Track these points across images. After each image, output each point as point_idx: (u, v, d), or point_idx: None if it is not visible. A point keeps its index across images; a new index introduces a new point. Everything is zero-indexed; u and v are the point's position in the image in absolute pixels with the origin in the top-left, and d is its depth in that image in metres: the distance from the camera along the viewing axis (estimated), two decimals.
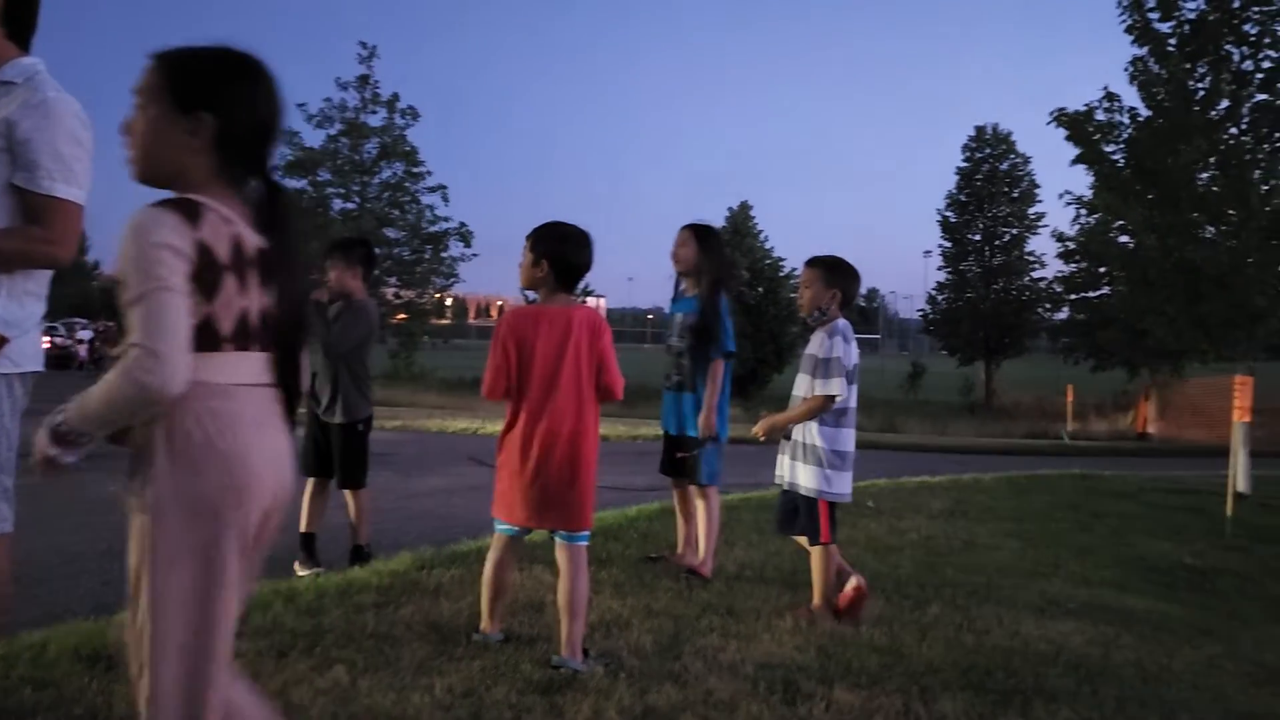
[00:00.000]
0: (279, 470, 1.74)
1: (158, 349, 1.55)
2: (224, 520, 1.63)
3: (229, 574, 1.63)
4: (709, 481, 4.68)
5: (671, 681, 3.02)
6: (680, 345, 4.70)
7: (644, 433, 15.03)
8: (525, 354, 3.25)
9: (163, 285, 1.58)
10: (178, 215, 1.63)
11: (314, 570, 4.58)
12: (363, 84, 27.09)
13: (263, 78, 1.76)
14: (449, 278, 28.26)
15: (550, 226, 3.35)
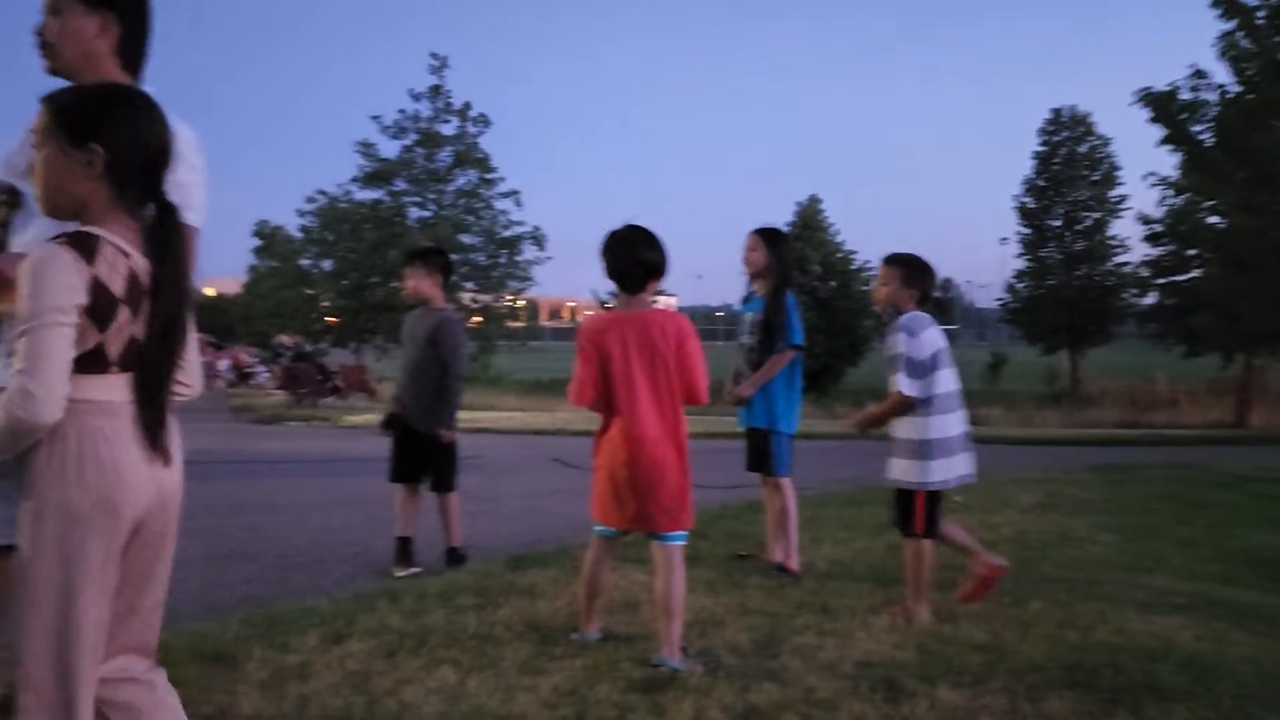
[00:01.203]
0: (154, 482, 1.85)
1: (31, 386, 1.70)
2: (94, 527, 1.76)
3: (92, 576, 1.76)
4: (784, 472, 4.74)
5: (771, 680, 3.03)
6: (751, 342, 4.83)
7: (722, 430, 15.02)
8: (607, 360, 3.30)
9: (48, 322, 1.71)
10: (73, 252, 1.75)
11: (411, 572, 4.69)
12: (435, 94, 27.49)
13: (145, 108, 1.91)
14: (524, 281, 28.55)
15: (608, 237, 3.40)
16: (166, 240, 1.88)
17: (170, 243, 1.89)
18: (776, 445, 4.75)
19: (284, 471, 9.32)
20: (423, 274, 4.99)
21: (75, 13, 2.48)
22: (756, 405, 4.80)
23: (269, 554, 5.24)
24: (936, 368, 3.88)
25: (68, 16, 2.48)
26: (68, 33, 2.47)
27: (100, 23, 2.51)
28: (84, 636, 1.78)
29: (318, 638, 3.38)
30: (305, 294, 31.92)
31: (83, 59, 2.50)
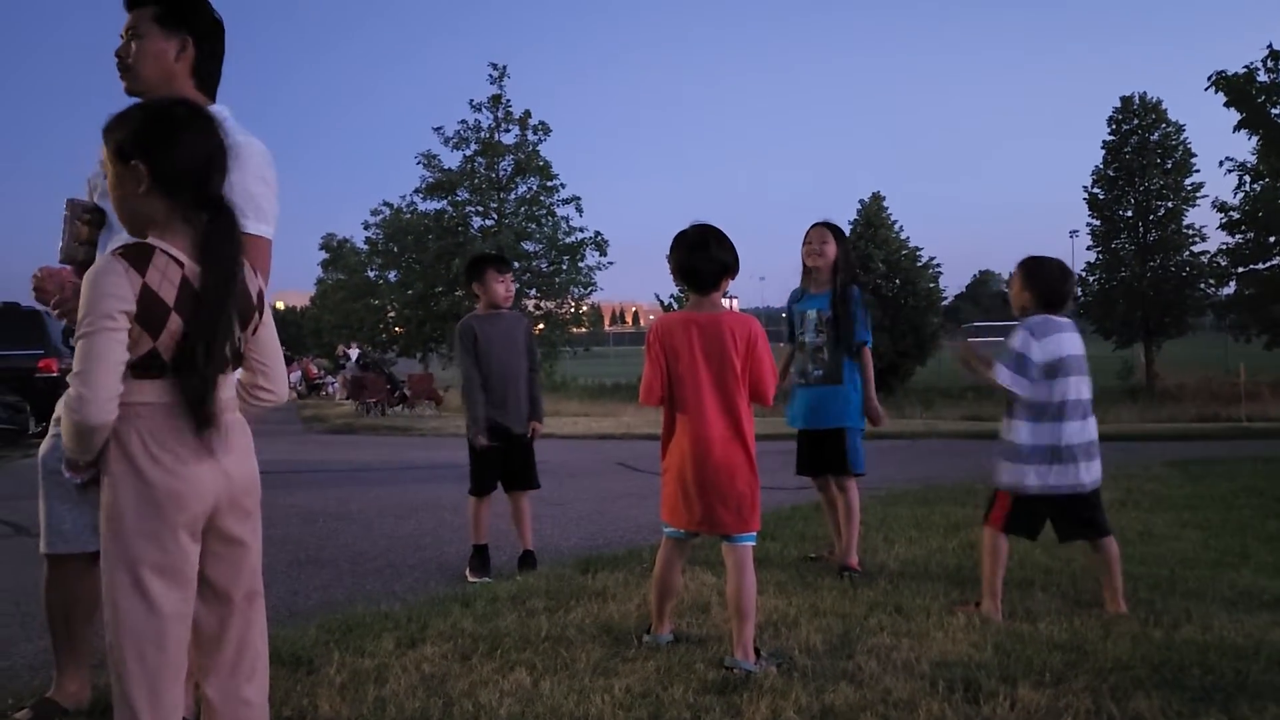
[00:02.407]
0: (218, 479, 1.93)
1: (82, 389, 1.81)
2: (160, 524, 1.86)
3: (163, 570, 1.86)
4: (862, 469, 4.72)
5: (847, 681, 3.00)
6: (819, 340, 4.75)
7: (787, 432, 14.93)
8: (676, 361, 3.31)
9: (98, 328, 1.81)
10: (124, 263, 1.85)
11: (484, 579, 4.73)
12: (495, 104, 27.82)
13: (186, 121, 1.97)
14: (587, 287, 28.72)
15: (676, 239, 3.41)
16: (216, 246, 1.93)
17: (219, 249, 1.94)
18: (852, 442, 4.71)
19: (355, 480, 9.48)
20: (502, 278, 5.08)
21: (154, 35, 2.56)
22: (831, 405, 4.73)
23: (343, 560, 5.34)
24: (1058, 374, 3.80)
25: (147, 39, 2.56)
26: (147, 55, 2.55)
27: (178, 44, 2.59)
28: (162, 630, 1.85)
29: (393, 641, 3.43)
30: (372, 305, 32.51)
31: (161, 80, 2.58)
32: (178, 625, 1.89)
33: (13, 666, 3.44)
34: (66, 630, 2.81)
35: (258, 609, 2.07)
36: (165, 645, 1.86)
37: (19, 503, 7.44)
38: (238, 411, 2.06)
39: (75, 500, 2.68)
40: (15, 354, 13.57)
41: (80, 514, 2.69)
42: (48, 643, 3.53)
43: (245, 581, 2.03)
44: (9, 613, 4.20)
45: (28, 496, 7.69)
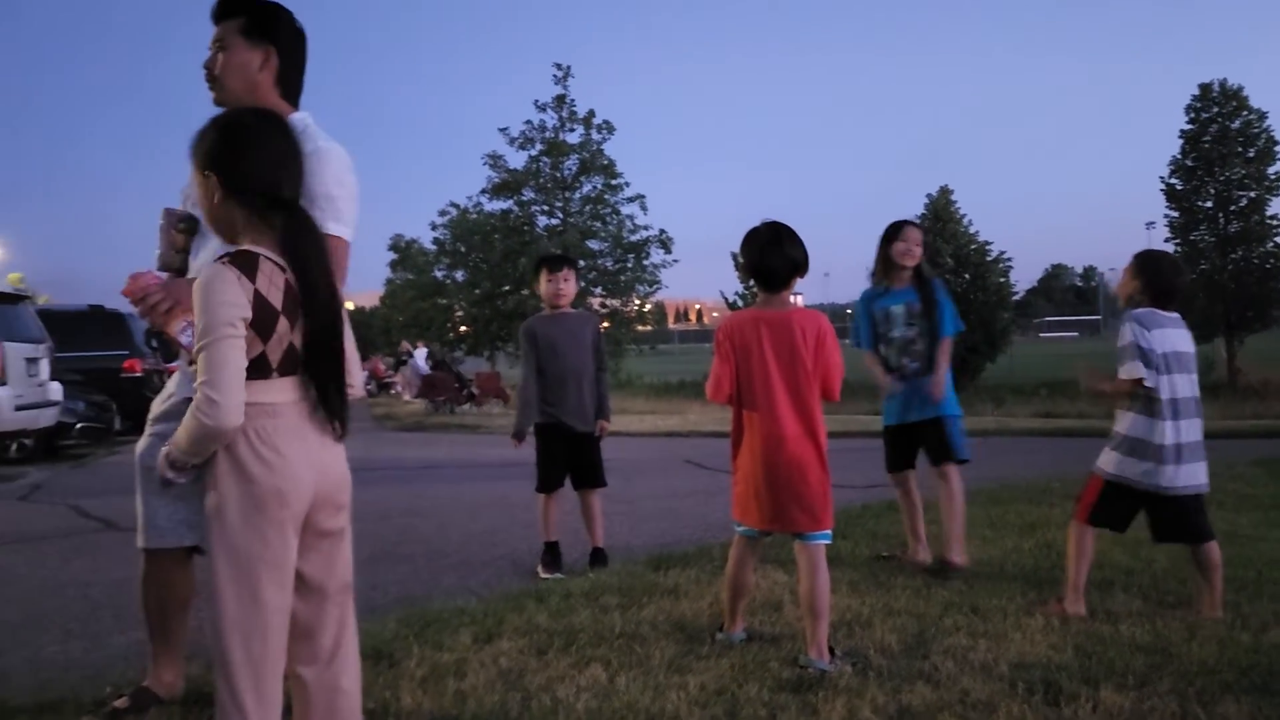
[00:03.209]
0: (320, 473, 2.01)
1: (214, 395, 1.87)
2: (265, 519, 1.93)
3: (268, 564, 1.93)
4: (966, 455, 4.73)
5: (924, 681, 2.98)
6: (910, 333, 4.78)
7: (856, 429, 14.78)
8: (747, 358, 3.32)
9: (221, 335, 1.89)
10: (235, 270, 1.93)
11: (556, 575, 4.79)
12: (559, 104, 27.99)
13: (254, 129, 2.04)
14: (652, 284, 28.74)
15: (747, 236, 3.40)
16: (297, 247, 2.00)
17: (301, 249, 2.01)
18: (952, 429, 4.73)
19: (428, 477, 9.64)
20: (575, 278, 5.15)
21: (240, 47, 2.64)
22: (928, 395, 4.73)
23: (419, 556, 5.43)
24: (1164, 370, 3.73)
25: (233, 51, 2.64)
26: (233, 66, 2.64)
27: (262, 56, 2.67)
28: (265, 622, 1.93)
29: (470, 636, 3.50)
30: (439, 304, 32.92)
31: (246, 90, 2.66)
32: (279, 618, 1.96)
33: (108, 657, 3.58)
34: (162, 622, 2.91)
35: (350, 600, 2.14)
36: (268, 638, 1.93)
37: (109, 498, 7.72)
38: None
39: (171, 496, 2.78)
40: (102, 355, 14.05)
41: (175, 509, 2.79)
42: (140, 634, 3.66)
43: (339, 574, 2.10)
44: (103, 605, 4.36)
45: (116, 493, 7.99)
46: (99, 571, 5.09)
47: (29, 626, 4.02)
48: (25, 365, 9.76)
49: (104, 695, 2.95)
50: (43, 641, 3.80)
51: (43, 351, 10.28)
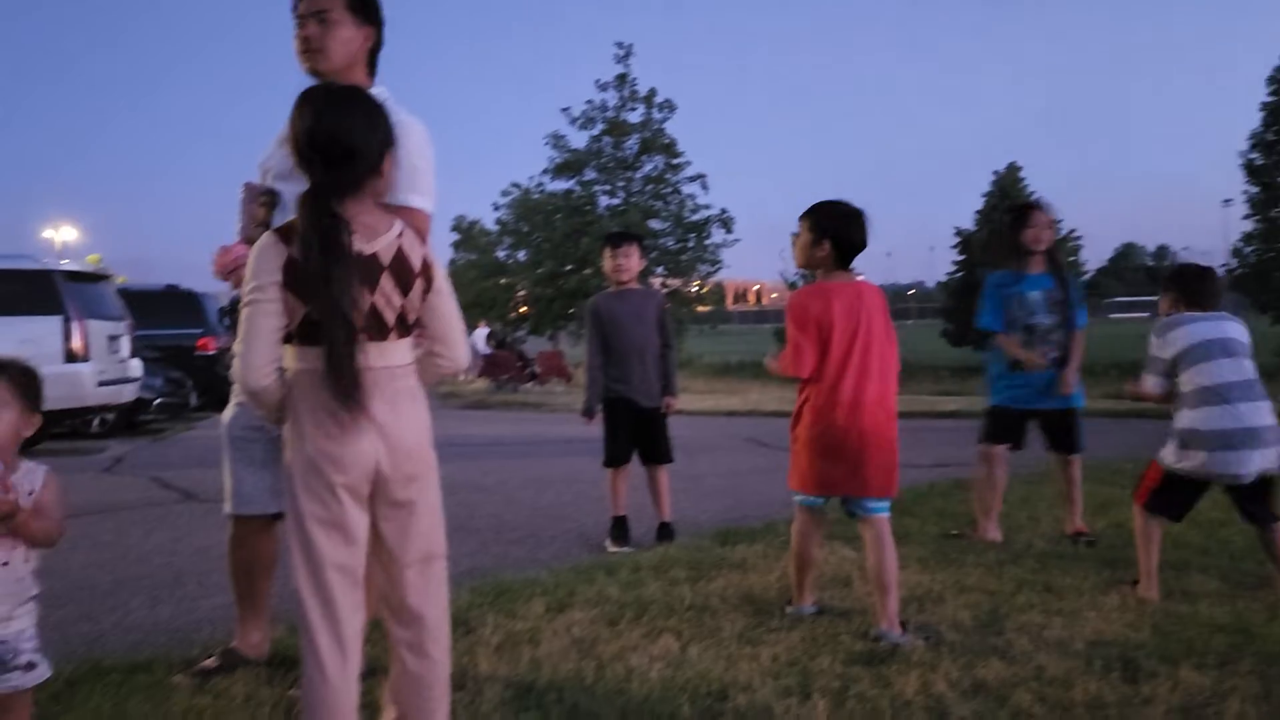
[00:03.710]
0: (386, 442, 2.03)
1: (241, 356, 1.99)
2: (322, 481, 1.99)
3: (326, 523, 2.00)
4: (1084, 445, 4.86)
5: (998, 656, 2.96)
6: (1051, 321, 4.81)
7: (919, 409, 14.61)
8: (826, 329, 3.35)
9: (251, 299, 1.98)
10: (274, 237, 2.01)
11: (624, 549, 4.83)
12: (621, 83, 27.94)
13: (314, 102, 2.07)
14: (713, 264, 28.66)
15: (830, 205, 3.45)
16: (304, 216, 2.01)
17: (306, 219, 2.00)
18: (1080, 421, 4.86)
19: (492, 454, 9.76)
20: (639, 254, 5.19)
21: (346, 23, 2.71)
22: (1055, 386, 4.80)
23: (487, 530, 5.52)
24: (1190, 363, 3.70)
25: (340, 26, 2.70)
26: (338, 40, 2.71)
27: (365, 35, 2.75)
28: (327, 578, 1.99)
29: (543, 606, 3.55)
30: (501, 284, 33.20)
31: (345, 65, 2.74)
32: (342, 576, 2.01)
33: (194, 620, 3.71)
34: (249, 586, 3.01)
35: (436, 570, 2.15)
36: (332, 592, 1.99)
37: (187, 471, 7.96)
38: (410, 378, 2.13)
39: (257, 465, 2.87)
40: (177, 333, 14.45)
41: (260, 478, 2.88)
42: (223, 599, 3.79)
43: (416, 544, 2.11)
44: (186, 572, 4.51)
45: (194, 465, 8.23)
46: (181, 540, 5.26)
47: (118, 591, 4.17)
48: (107, 342, 10.06)
49: (193, 655, 3.06)
50: (131, 605, 3.95)
51: (123, 329, 10.59)
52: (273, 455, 2.87)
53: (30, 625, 2.14)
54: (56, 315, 9.39)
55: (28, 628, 2.13)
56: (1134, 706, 2.59)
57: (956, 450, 9.44)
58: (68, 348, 9.37)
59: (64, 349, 9.35)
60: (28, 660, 2.12)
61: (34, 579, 2.16)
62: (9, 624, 2.11)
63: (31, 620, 2.15)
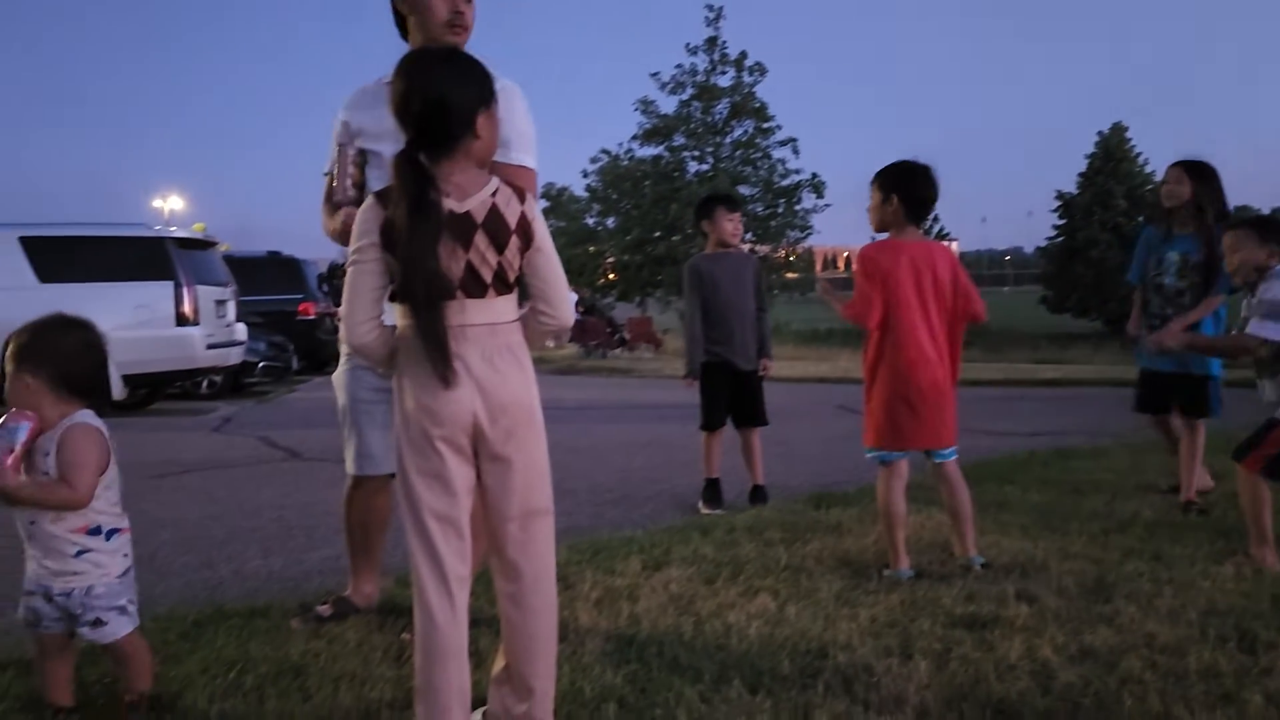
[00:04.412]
0: (485, 398, 2.06)
1: (345, 312, 2.05)
2: (421, 434, 2.04)
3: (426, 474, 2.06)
4: (1219, 413, 4.67)
5: (1105, 624, 2.89)
6: (1180, 284, 4.68)
7: (1014, 378, 14.27)
8: (894, 284, 3.45)
9: (351, 261, 2.04)
10: (375, 198, 2.05)
11: (717, 511, 4.85)
12: (711, 46, 27.67)
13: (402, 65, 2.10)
14: (803, 230, 28.33)
15: (895, 165, 3.57)
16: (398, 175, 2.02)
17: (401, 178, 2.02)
18: (1214, 390, 4.66)
19: (583, 418, 9.86)
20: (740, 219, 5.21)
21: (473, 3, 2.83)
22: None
23: (581, 490, 5.59)
24: None
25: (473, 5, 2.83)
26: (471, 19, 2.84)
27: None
28: (429, 526, 2.05)
29: (639, 564, 3.60)
30: (590, 251, 33.37)
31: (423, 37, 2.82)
32: (443, 525, 2.06)
33: (304, 571, 3.85)
34: (364, 540, 3.11)
35: (540, 525, 2.17)
36: (434, 540, 2.05)
37: (291, 431, 8.24)
38: (512, 334, 2.14)
39: (380, 426, 2.95)
40: (279, 298, 14.90)
41: (385, 439, 2.97)
42: (331, 551, 3.94)
43: (517, 499, 2.13)
44: (296, 526, 4.68)
45: (298, 426, 8.51)
46: (289, 495, 5.46)
47: (232, 543, 4.36)
48: (214, 307, 10.43)
49: (307, 603, 3.18)
50: (246, 556, 4.12)
51: (229, 294, 10.96)
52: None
53: (98, 583, 2.21)
54: (168, 281, 9.76)
55: (94, 585, 2.21)
56: (1252, 677, 2.50)
57: (1055, 419, 9.22)
58: (179, 312, 9.75)
59: (175, 313, 9.73)
60: (95, 618, 2.20)
61: (88, 537, 2.22)
62: (68, 580, 2.20)
63: (100, 578, 2.22)
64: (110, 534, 2.25)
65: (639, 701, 2.36)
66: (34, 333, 2.26)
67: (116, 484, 2.30)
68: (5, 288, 9.41)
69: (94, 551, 2.22)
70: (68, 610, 2.21)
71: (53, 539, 2.20)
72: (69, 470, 2.18)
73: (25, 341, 2.25)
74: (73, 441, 2.20)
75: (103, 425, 2.27)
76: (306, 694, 2.41)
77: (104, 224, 10.43)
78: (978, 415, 8.25)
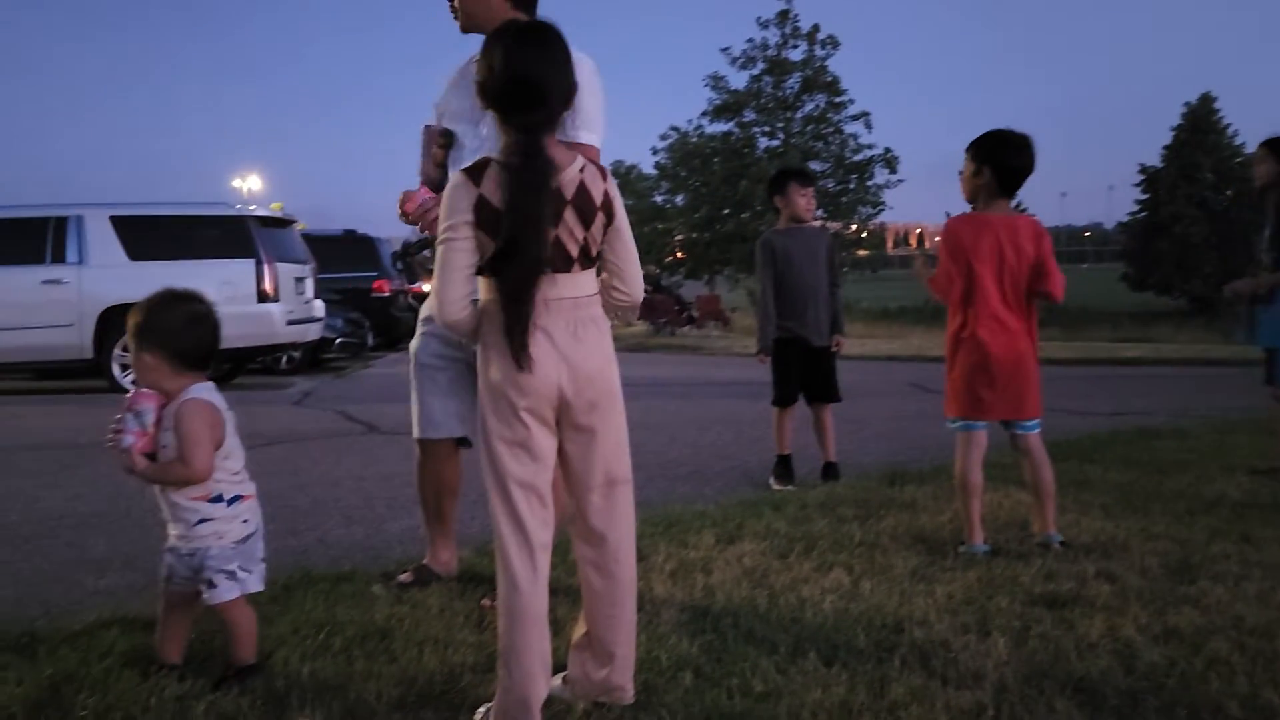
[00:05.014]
0: (569, 369, 2.08)
1: (438, 293, 2.08)
2: (507, 403, 2.07)
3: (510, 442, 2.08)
4: None
5: (1190, 605, 2.83)
6: (1266, 260, 4.73)
7: (1093, 357, 13.94)
8: (978, 258, 3.43)
9: (445, 238, 2.05)
10: (463, 177, 2.06)
11: (789, 487, 4.85)
12: (782, 20, 27.33)
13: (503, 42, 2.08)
14: (875, 206, 27.93)
15: (989, 134, 3.52)
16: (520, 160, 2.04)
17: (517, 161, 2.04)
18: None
19: (653, 394, 9.89)
20: (814, 194, 5.17)
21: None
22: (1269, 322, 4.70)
23: (652, 465, 5.63)
24: None
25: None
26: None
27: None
28: (516, 497, 2.08)
29: (713, 538, 3.62)
30: (659, 229, 33.34)
31: (486, 18, 2.82)
32: (526, 492, 2.09)
33: (385, 540, 3.95)
34: (437, 508, 3.19)
35: (622, 494, 2.21)
36: (518, 506, 2.08)
37: (369, 405, 8.42)
38: (594, 307, 2.18)
39: (444, 392, 3.03)
40: (355, 276, 15.19)
41: (448, 404, 3.03)
42: (411, 522, 4.02)
43: (600, 468, 2.17)
44: (376, 496, 4.80)
45: (375, 400, 8.69)
46: (369, 467, 5.59)
47: (316, 512, 4.49)
48: (294, 284, 10.69)
49: (389, 570, 3.27)
50: (329, 525, 4.24)
51: (308, 272, 11.22)
52: (458, 383, 3.02)
53: (214, 546, 2.32)
54: (250, 259, 10.03)
55: (210, 548, 2.31)
56: None
57: (1138, 398, 9.01)
58: (260, 289, 10.02)
59: (257, 290, 10.00)
60: (209, 579, 2.31)
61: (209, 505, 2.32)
62: (191, 543, 2.33)
63: (215, 542, 2.32)
64: (232, 500, 2.36)
65: (715, 671, 2.38)
66: (146, 310, 2.35)
67: (238, 452, 2.40)
68: (99, 265, 9.80)
69: (214, 520, 2.33)
70: (192, 568, 2.33)
71: (176, 506, 2.33)
72: (185, 447, 2.28)
73: (139, 320, 2.35)
74: (186, 419, 2.30)
75: (217, 398, 2.37)
76: (392, 656, 2.49)
77: (189, 203, 10.76)
78: (1057, 394, 8.08)
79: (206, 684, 2.29)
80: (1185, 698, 2.23)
